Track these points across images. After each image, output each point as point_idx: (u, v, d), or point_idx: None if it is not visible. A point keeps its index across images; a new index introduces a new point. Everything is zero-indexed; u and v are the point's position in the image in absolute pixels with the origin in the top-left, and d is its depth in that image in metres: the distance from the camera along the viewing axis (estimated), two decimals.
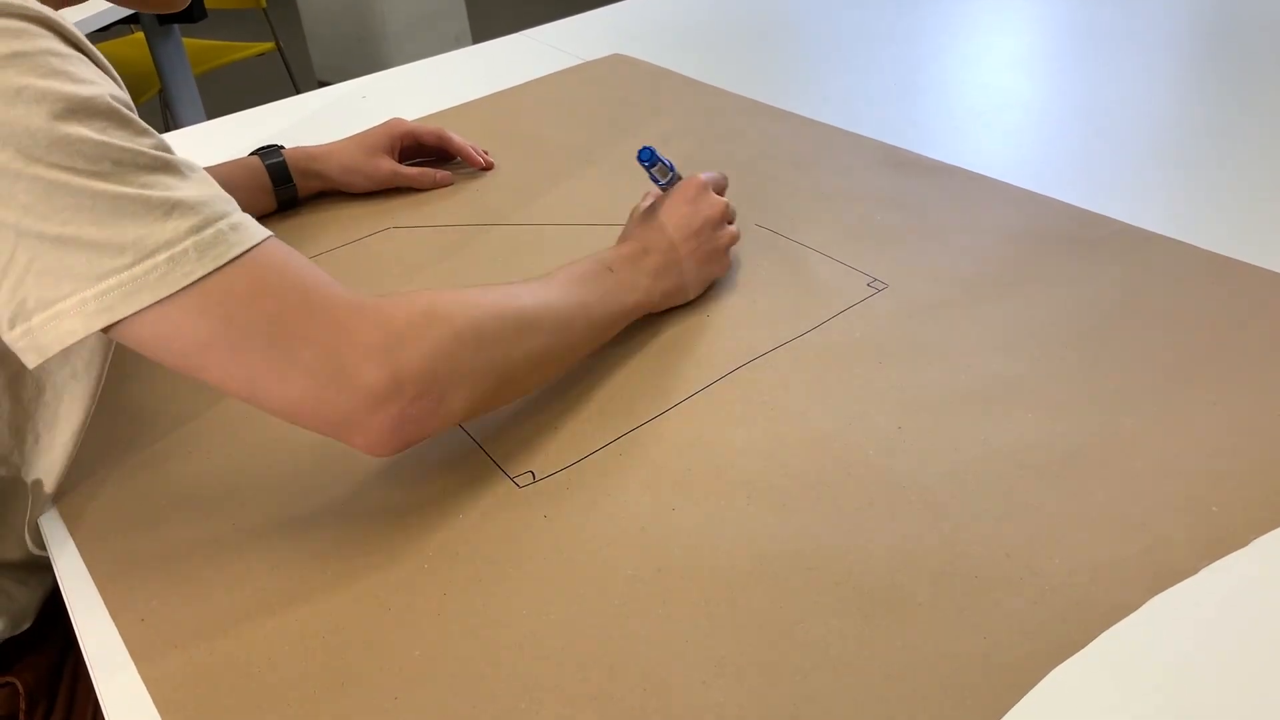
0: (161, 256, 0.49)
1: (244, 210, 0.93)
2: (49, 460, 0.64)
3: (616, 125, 1.10)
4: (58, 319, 0.48)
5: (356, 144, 0.99)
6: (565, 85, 1.23)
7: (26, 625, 0.68)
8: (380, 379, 0.52)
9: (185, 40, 2.40)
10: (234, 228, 0.51)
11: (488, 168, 1.03)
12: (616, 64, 1.27)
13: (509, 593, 0.54)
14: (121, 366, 0.74)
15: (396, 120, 1.01)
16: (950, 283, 0.76)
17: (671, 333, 0.74)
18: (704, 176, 0.79)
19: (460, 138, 1.02)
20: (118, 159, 0.49)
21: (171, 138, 1.22)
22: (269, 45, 2.67)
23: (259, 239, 0.52)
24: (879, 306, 0.74)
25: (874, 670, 0.48)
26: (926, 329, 0.71)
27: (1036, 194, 0.87)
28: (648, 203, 0.79)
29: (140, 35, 2.46)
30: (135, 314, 0.49)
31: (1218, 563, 0.51)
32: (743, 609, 0.52)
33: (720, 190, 0.81)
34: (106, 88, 0.51)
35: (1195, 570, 0.51)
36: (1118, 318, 0.70)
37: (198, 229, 0.50)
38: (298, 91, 1.40)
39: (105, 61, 0.55)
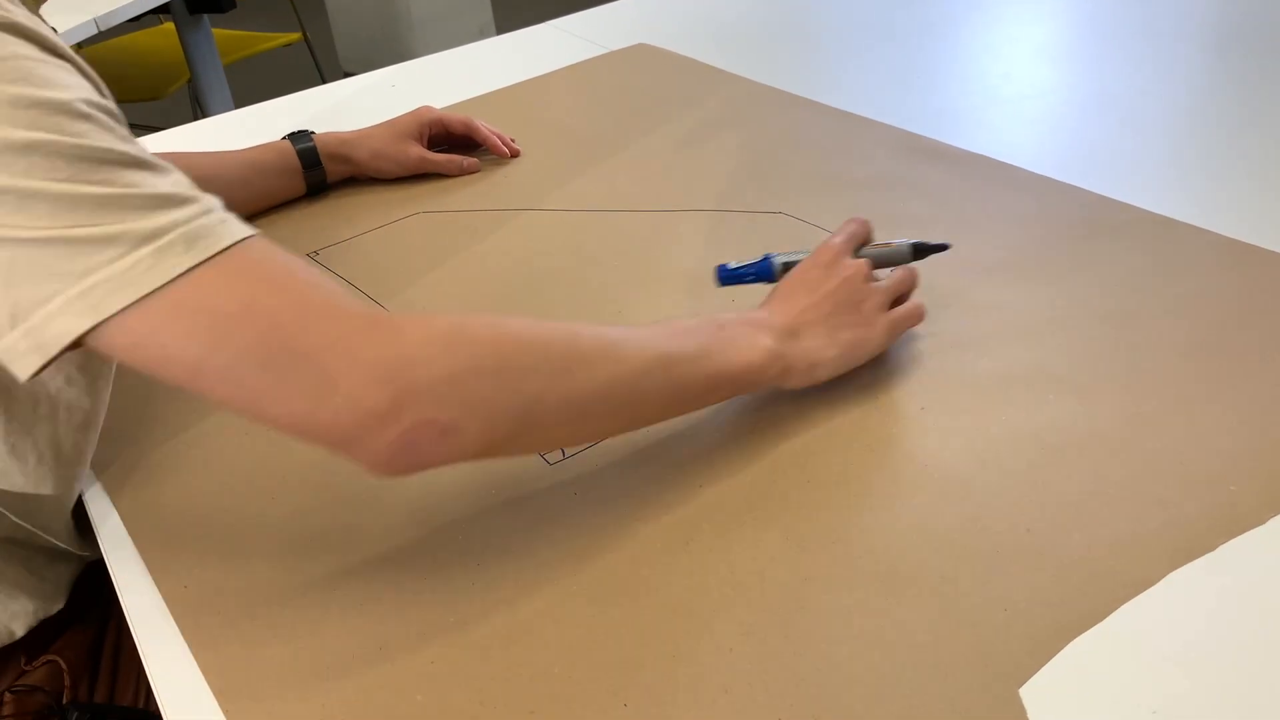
0: (148, 248, 0.46)
1: (274, 194, 0.94)
2: (62, 472, 0.64)
3: (641, 114, 1.11)
4: (49, 319, 0.46)
5: (386, 130, 1.00)
6: (591, 75, 1.24)
7: (59, 606, 0.69)
8: (382, 398, 0.47)
9: (214, 30, 2.43)
10: (222, 221, 0.49)
11: (514, 155, 1.04)
12: (642, 54, 1.29)
13: (540, 564, 0.56)
14: None
15: (425, 108, 1.02)
16: (972, 268, 0.77)
17: (698, 315, 0.75)
18: (839, 237, 0.68)
19: (487, 126, 1.04)
20: (95, 159, 0.47)
21: (201, 126, 1.25)
22: (296, 36, 2.70)
23: (248, 233, 0.49)
24: None
25: (897, 640, 0.49)
26: (949, 313, 0.72)
27: (1058, 181, 0.88)
28: (784, 277, 0.68)
29: (170, 25, 2.49)
30: (123, 312, 0.46)
31: (1235, 539, 0.52)
32: (769, 580, 0.53)
33: (862, 240, 0.69)
34: (82, 93, 0.49)
35: (1213, 547, 0.52)
36: (1138, 302, 0.71)
37: (186, 220, 0.47)
38: (324, 82, 1.41)
39: (87, 68, 0.54)
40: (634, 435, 0.64)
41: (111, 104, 0.52)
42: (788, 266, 0.69)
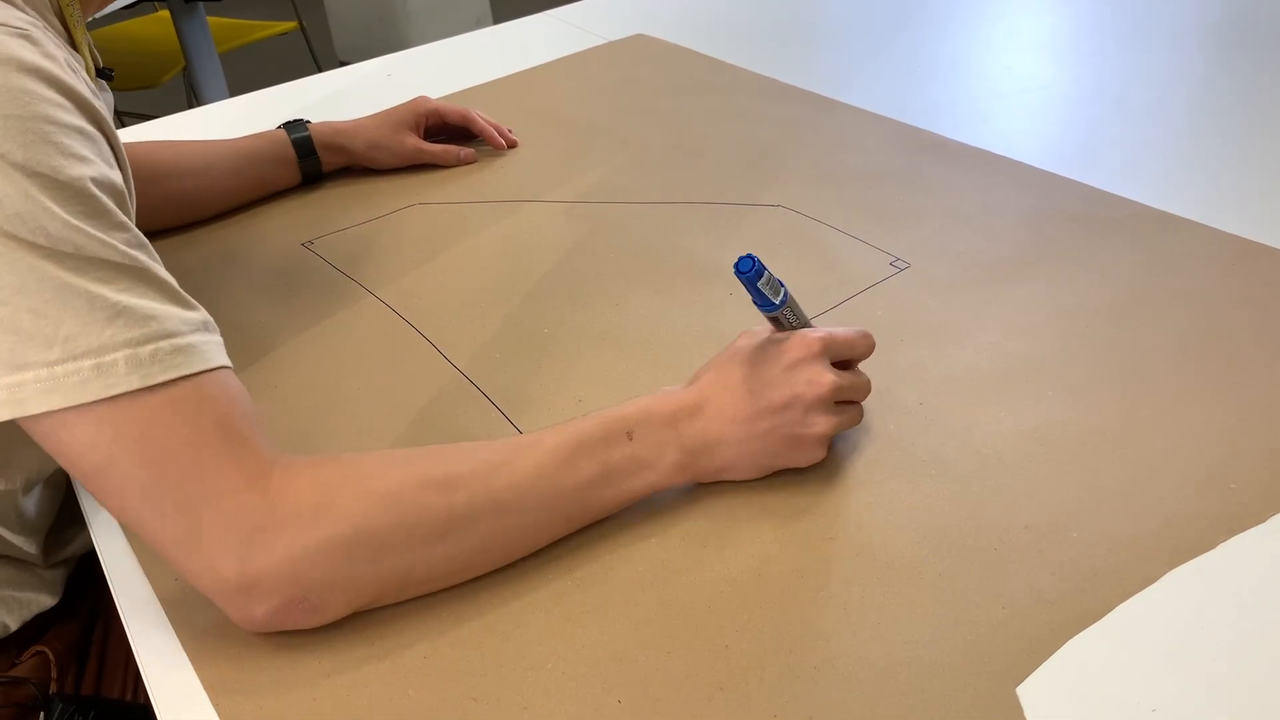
0: (87, 362, 0.46)
1: (268, 183, 0.93)
2: (34, 503, 0.64)
3: (640, 105, 1.10)
4: None
5: (382, 120, 1.00)
6: (589, 65, 1.24)
7: (54, 601, 0.69)
8: (232, 575, 0.47)
9: (210, 18, 2.42)
10: (178, 350, 0.48)
11: (511, 146, 1.03)
12: (640, 44, 1.28)
13: (533, 559, 0.55)
14: None
15: (422, 98, 1.02)
16: (972, 263, 0.77)
17: (695, 310, 0.75)
18: (831, 335, 0.58)
19: (484, 117, 1.03)
20: (79, 246, 0.46)
21: (196, 114, 1.24)
22: (292, 25, 2.69)
23: (200, 368, 0.49)
24: (901, 286, 0.75)
25: (894, 636, 0.49)
26: (948, 308, 0.72)
27: (1058, 175, 0.88)
28: (749, 341, 0.59)
29: (165, 13, 2.48)
30: (45, 414, 0.46)
31: (1234, 538, 0.52)
32: (765, 576, 0.53)
33: (853, 357, 0.60)
34: (94, 169, 0.49)
35: (1213, 545, 0.52)
36: (1137, 298, 0.71)
37: (136, 343, 0.47)
38: (320, 71, 1.40)
39: (117, 141, 0.53)
40: None
41: (122, 182, 0.51)
42: (793, 312, 0.58)
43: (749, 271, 0.54)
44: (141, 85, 2.41)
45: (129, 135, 1.09)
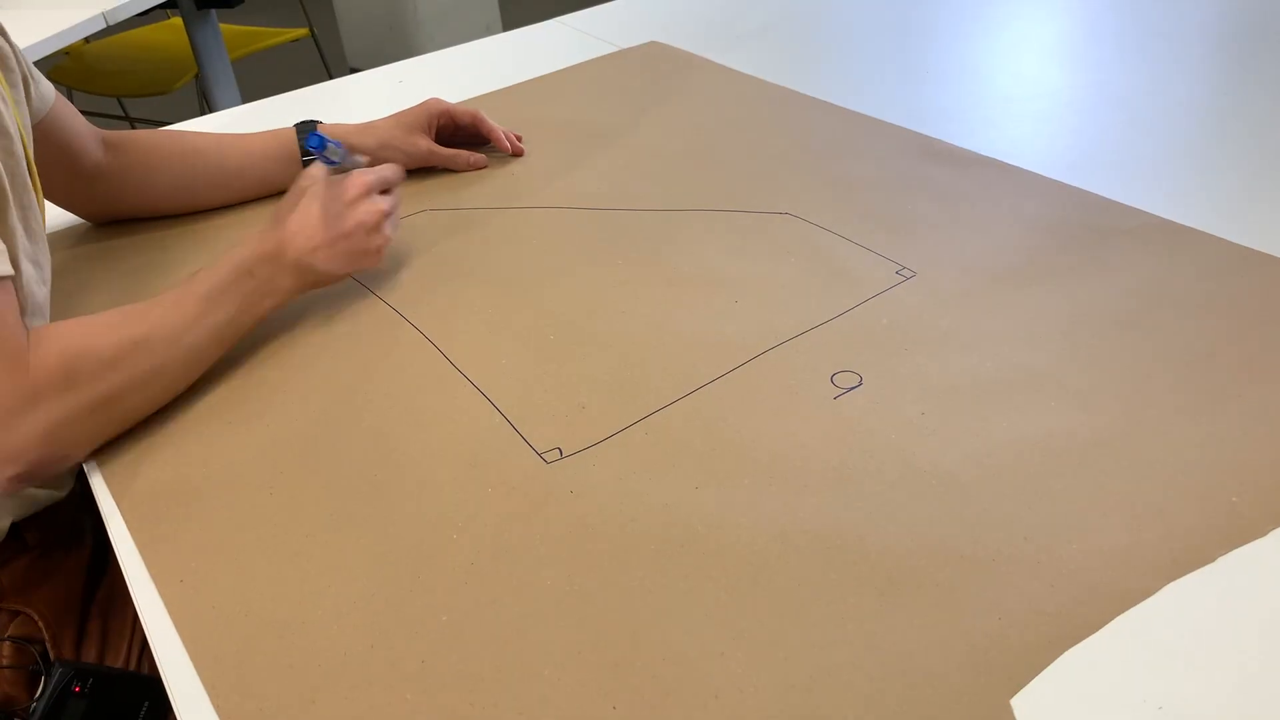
0: None
1: (275, 183, 0.99)
2: None
3: (652, 113, 1.10)
4: None
5: (394, 122, 1.00)
6: (601, 72, 1.24)
7: (62, 494, 0.75)
8: None
9: (222, 25, 2.43)
10: None
11: (517, 155, 1.04)
12: (652, 51, 1.28)
13: (534, 563, 0.56)
14: None
15: (434, 100, 1.02)
16: (978, 272, 0.77)
17: (700, 316, 0.75)
18: (372, 176, 0.79)
19: (494, 122, 1.04)
20: None
21: (208, 120, 1.24)
22: (303, 31, 2.70)
23: None
24: (907, 294, 0.75)
25: (890, 646, 0.49)
26: (953, 317, 0.72)
27: (1065, 184, 0.88)
28: (308, 182, 0.78)
29: (178, 20, 2.49)
30: None
31: (1234, 552, 0.52)
32: (763, 585, 0.53)
33: (391, 185, 0.81)
34: None
35: (1212, 559, 0.52)
36: (1144, 309, 0.71)
37: None
38: (330, 78, 1.41)
39: None
40: (627, 437, 0.64)
41: None
42: (330, 160, 0.79)
43: (319, 148, 0.77)
44: (154, 91, 2.43)
45: None
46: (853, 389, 0.66)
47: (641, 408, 0.66)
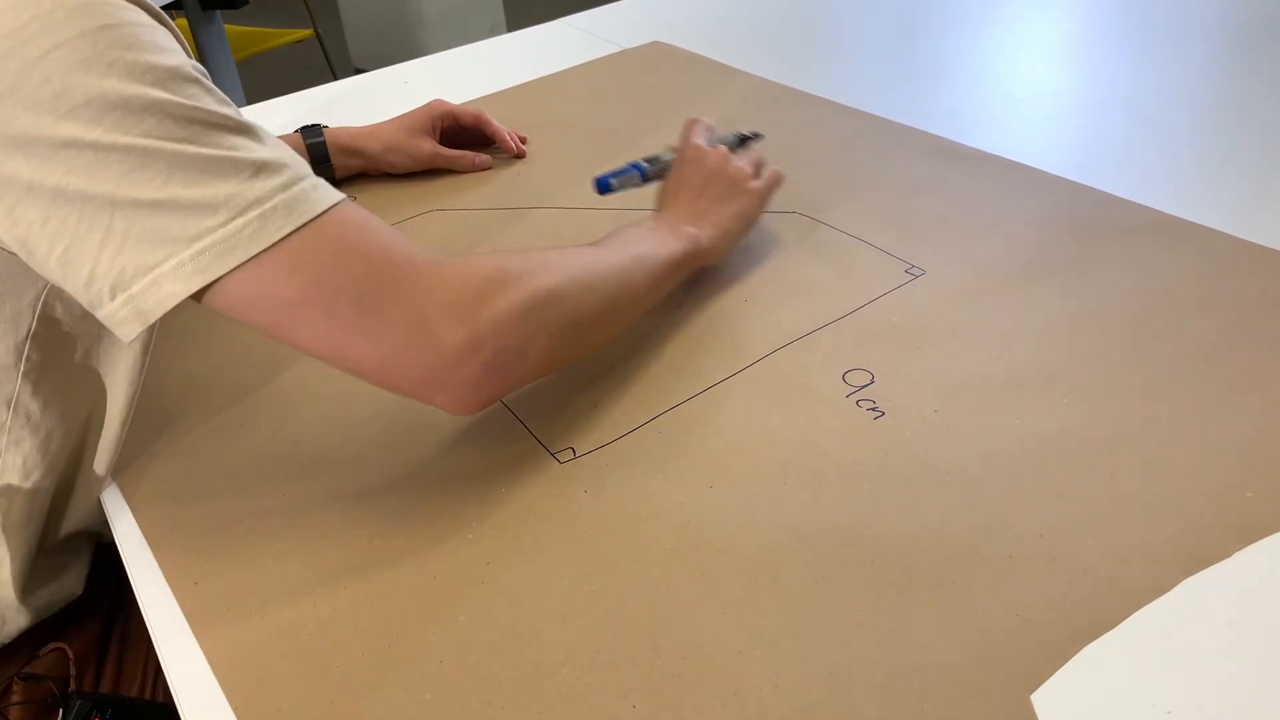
0: (253, 214, 0.50)
1: None
2: (101, 443, 0.65)
3: (656, 113, 1.10)
4: (157, 284, 0.49)
5: (399, 124, 1.00)
6: (605, 72, 1.24)
7: (78, 593, 0.70)
8: (462, 336, 0.54)
9: (226, 26, 2.43)
10: (315, 187, 0.53)
11: (520, 156, 1.04)
12: (656, 51, 1.28)
13: (550, 563, 0.56)
14: (176, 343, 0.77)
15: (438, 101, 1.02)
16: (987, 270, 0.77)
17: (711, 315, 0.75)
18: (694, 138, 0.82)
19: (498, 123, 1.04)
20: (206, 122, 0.50)
21: None
22: (308, 32, 2.70)
23: (339, 198, 0.54)
24: (916, 292, 0.75)
25: (908, 643, 0.49)
26: (963, 315, 0.72)
27: (1073, 182, 0.87)
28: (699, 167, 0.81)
29: (183, 21, 2.49)
30: (229, 274, 0.50)
31: (1250, 547, 0.52)
32: (779, 583, 0.53)
33: (709, 133, 0.85)
34: (182, 57, 0.52)
35: (1228, 554, 0.52)
36: (1155, 306, 0.71)
37: (285, 187, 0.51)
38: (335, 78, 1.41)
39: (179, 33, 0.56)
40: (640, 436, 0.64)
41: (201, 66, 0.55)
42: (654, 163, 0.84)
43: (604, 188, 0.82)
44: None
45: None
46: (865, 386, 0.66)
47: (653, 407, 0.66)
